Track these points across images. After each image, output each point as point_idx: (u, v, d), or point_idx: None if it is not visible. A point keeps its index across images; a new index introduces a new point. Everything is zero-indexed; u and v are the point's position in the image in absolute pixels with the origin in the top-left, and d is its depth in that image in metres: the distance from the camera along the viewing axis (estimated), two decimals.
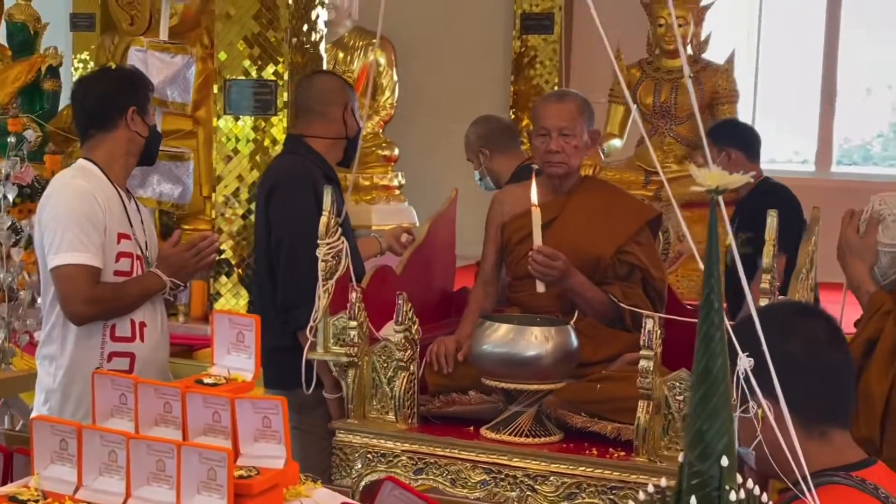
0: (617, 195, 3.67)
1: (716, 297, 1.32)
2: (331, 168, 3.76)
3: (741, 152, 4.84)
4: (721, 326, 1.31)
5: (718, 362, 1.32)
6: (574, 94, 3.60)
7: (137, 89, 3.39)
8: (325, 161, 3.75)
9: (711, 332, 1.31)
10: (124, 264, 3.29)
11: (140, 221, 3.39)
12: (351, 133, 3.79)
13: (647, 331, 2.91)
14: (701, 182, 1.32)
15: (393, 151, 7.78)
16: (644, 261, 3.48)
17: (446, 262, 4.12)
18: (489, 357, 3.11)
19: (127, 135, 3.34)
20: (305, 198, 3.57)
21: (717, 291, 1.32)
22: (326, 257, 3.31)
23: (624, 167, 7.10)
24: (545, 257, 3.28)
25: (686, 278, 6.45)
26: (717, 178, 1.31)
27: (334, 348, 3.31)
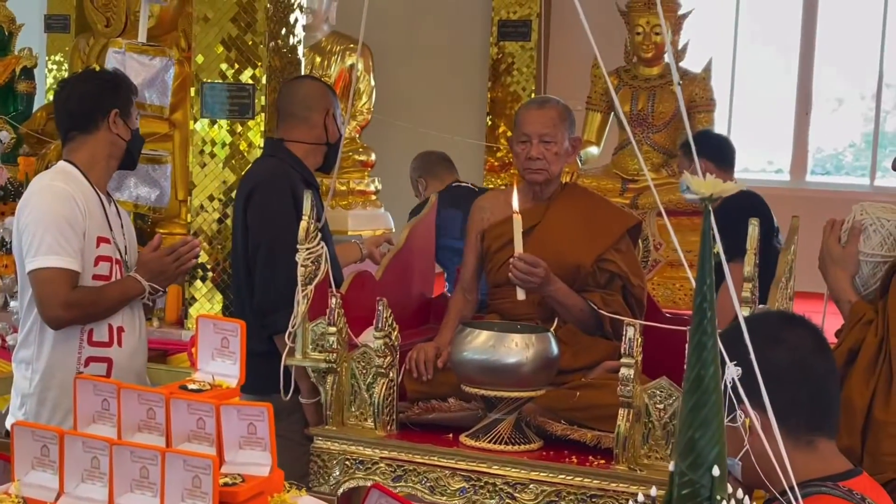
0: (597, 203, 3.68)
1: (708, 305, 1.32)
2: (310, 173, 3.75)
3: (711, 162, 4.84)
4: (713, 335, 1.31)
5: (710, 371, 1.32)
6: (555, 100, 3.61)
7: (120, 92, 3.37)
8: (305, 166, 3.74)
9: (704, 341, 1.31)
10: (103, 268, 3.26)
11: (120, 225, 3.37)
12: (332, 139, 3.78)
13: (627, 338, 2.91)
14: (694, 190, 1.32)
15: (370, 157, 7.77)
16: (624, 268, 3.49)
17: (425, 268, 4.12)
18: (469, 364, 3.10)
19: (108, 137, 3.32)
20: (283, 202, 3.56)
21: (709, 300, 1.32)
22: (306, 262, 3.29)
23: (601, 174, 7.12)
24: (526, 264, 3.28)
25: (662, 286, 6.48)
26: (709, 186, 1.31)
27: (313, 354, 3.30)
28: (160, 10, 6.05)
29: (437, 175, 5.70)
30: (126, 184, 5.09)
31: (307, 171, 3.73)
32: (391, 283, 3.73)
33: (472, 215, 3.74)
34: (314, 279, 3.31)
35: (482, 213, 3.71)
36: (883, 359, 2.63)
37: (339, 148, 3.65)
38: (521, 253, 3.29)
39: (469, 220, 3.75)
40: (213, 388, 1.89)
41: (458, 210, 5.28)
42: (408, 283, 3.94)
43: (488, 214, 3.68)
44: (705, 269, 1.33)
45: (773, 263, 3.10)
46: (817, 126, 9.12)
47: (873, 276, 2.85)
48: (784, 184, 9.03)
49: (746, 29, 9.24)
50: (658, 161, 7.01)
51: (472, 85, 9.13)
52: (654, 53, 7.01)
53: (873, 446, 2.58)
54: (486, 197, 3.84)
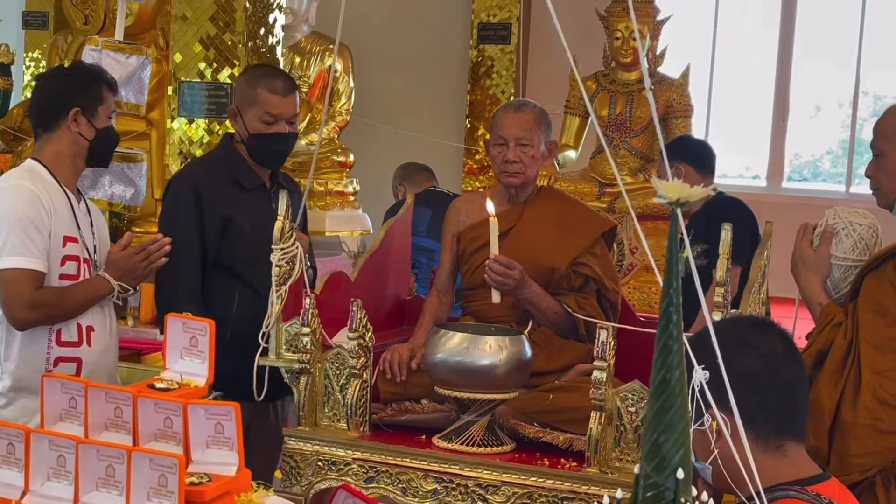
0: (573, 206, 3.69)
1: (675, 309, 1.32)
2: (246, 170, 3.62)
3: (691, 167, 4.86)
4: (679, 339, 1.31)
5: (676, 374, 1.32)
6: (532, 104, 3.61)
7: (85, 90, 3.32)
8: (241, 160, 3.64)
9: (670, 344, 1.31)
10: (70, 268, 3.24)
11: (89, 224, 3.34)
12: (244, 136, 3.61)
13: (600, 341, 2.91)
14: (662, 194, 1.32)
15: (348, 158, 7.76)
16: (599, 272, 3.50)
17: (401, 269, 4.11)
18: (443, 366, 3.10)
19: (70, 136, 3.30)
20: (183, 200, 3.52)
21: (675, 303, 1.32)
22: (280, 262, 3.28)
23: (578, 178, 7.13)
24: (501, 266, 3.29)
25: (638, 290, 6.49)
26: (677, 191, 1.31)
27: (286, 354, 3.29)
28: (138, 8, 6.02)
29: (415, 182, 5.95)
30: (101, 182, 5.07)
31: (244, 168, 3.63)
32: (366, 284, 3.73)
33: (449, 217, 3.74)
34: (288, 279, 3.30)
35: (458, 214, 3.71)
36: (851, 361, 2.65)
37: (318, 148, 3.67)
38: (497, 255, 3.29)
39: (445, 222, 3.75)
40: (182, 387, 1.88)
41: (427, 208, 5.36)
42: (383, 284, 3.93)
43: (464, 216, 3.68)
44: (672, 272, 1.33)
45: None
46: (795, 133, 9.18)
47: (844, 280, 2.87)
48: (761, 189, 9.07)
49: (725, 35, 9.28)
50: (635, 165, 7.02)
51: (452, 87, 9.13)
52: (633, 58, 7.02)
53: (840, 447, 2.60)
54: (463, 199, 3.85)
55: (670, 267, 1.35)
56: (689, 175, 4.83)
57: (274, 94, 3.56)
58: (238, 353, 3.26)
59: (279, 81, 3.60)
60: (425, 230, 5.42)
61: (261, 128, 3.57)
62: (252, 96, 3.56)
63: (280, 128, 3.58)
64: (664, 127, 7.05)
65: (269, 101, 3.55)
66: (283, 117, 3.58)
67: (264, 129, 3.57)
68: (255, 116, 3.57)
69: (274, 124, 3.57)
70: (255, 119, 3.57)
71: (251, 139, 3.58)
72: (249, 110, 3.57)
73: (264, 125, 3.56)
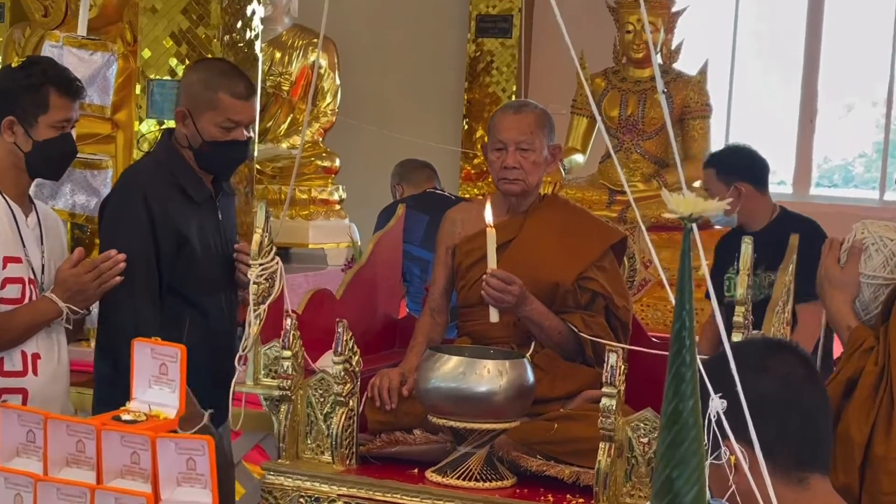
0: (579, 216, 3.71)
1: (687, 332, 1.33)
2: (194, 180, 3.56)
3: (751, 185, 4.65)
4: (693, 365, 1.31)
5: (689, 404, 1.33)
6: (533, 105, 3.63)
7: (23, 95, 3.24)
8: (187, 167, 3.56)
9: (682, 372, 1.32)
10: (12, 291, 3.20)
11: (39, 239, 3.30)
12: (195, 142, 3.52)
13: (609, 365, 2.92)
14: (673, 209, 1.33)
15: (334, 162, 7.78)
16: (607, 288, 3.52)
17: (391, 285, 4.12)
18: (437, 392, 3.11)
19: (5, 146, 3.24)
20: (132, 211, 3.44)
21: (688, 327, 1.33)
22: (259, 279, 3.29)
23: (586, 185, 7.14)
24: (500, 282, 3.30)
25: (652, 308, 6.50)
26: (690, 205, 1.32)
27: (265, 380, 3.30)
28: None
29: (414, 182, 5.92)
30: (62, 191, 5.07)
31: (189, 175, 3.55)
32: (353, 303, 3.74)
33: (443, 228, 3.75)
34: (268, 298, 3.31)
35: (453, 226, 3.72)
36: (884, 389, 2.64)
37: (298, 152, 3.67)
38: (495, 269, 3.31)
39: (439, 234, 3.77)
40: (150, 418, 1.88)
41: (424, 214, 5.34)
42: (371, 302, 3.94)
43: (460, 228, 3.70)
44: (685, 292, 1.34)
45: None
46: (823, 134, 9.16)
47: (875, 300, 2.86)
48: (786, 197, 9.06)
49: (746, 29, 9.29)
50: (649, 171, 7.03)
51: (448, 85, 9.15)
52: (645, 54, 7.03)
53: (872, 484, 2.60)
54: (458, 209, 3.86)
55: (682, 286, 1.36)
56: (750, 194, 4.61)
57: (237, 98, 3.49)
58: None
59: (241, 84, 3.54)
60: (420, 238, 5.41)
61: (218, 134, 3.49)
62: (210, 100, 3.48)
63: (238, 134, 3.52)
64: (680, 129, 7.07)
65: (231, 106, 3.48)
66: (244, 123, 3.53)
67: (222, 136, 3.50)
68: (211, 121, 3.49)
69: (233, 130, 3.51)
70: (211, 124, 3.49)
71: (205, 146, 3.51)
72: (205, 114, 3.48)
73: (222, 131, 3.49)
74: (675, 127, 7.06)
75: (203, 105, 3.50)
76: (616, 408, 2.91)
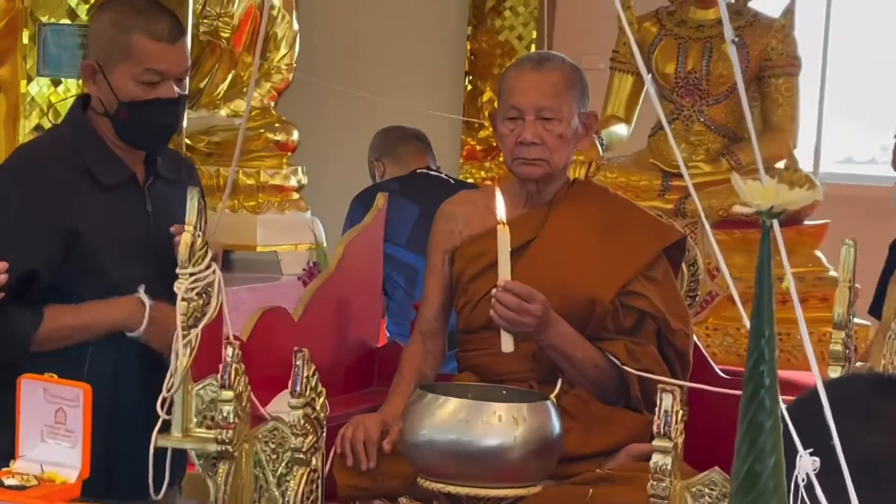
0: (622, 209, 3.71)
1: (767, 368, 1.33)
2: (105, 158, 3.59)
3: None
4: (774, 412, 1.32)
5: (769, 464, 1.33)
6: (560, 59, 3.63)
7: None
8: (101, 144, 3.60)
9: (760, 421, 1.32)
10: None
11: None
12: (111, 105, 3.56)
13: (663, 410, 2.92)
14: (748, 200, 1.34)
15: (290, 136, 7.80)
16: (660, 306, 3.52)
17: (368, 303, 4.12)
18: (430, 447, 3.10)
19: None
20: (16, 206, 3.48)
21: (768, 359, 1.33)
22: (189, 295, 3.29)
23: (631, 166, 7.14)
24: (515, 298, 3.30)
25: (721, 331, 6.51)
26: (772, 195, 1.33)
27: (198, 431, 3.29)
28: None
29: (400, 158, 5.80)
30: None
31: (102, 151, 3.58)
32: (316, 326, 3.75)
33: (438, 226, 3.75)
34: (201, 320, 3.31)
35: (452, 222, 3.72)
36: None
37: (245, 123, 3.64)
38: (509, 281, 3.31)
39: (433, 234, 3.77)
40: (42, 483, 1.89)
41: (413, 204, 5.31)
42: (341, 325, 3.95)
43: (461, 226, 3.70)
44: (763, 312, 1.34)
45: None
46: None
47: None
48: None
49: None
50: (716, 146, 7.03)
51: (445, 31, 9.16)
52: None
53: None
54: (459, 199, 3.85)
55: (760, 305, 1.37)
56: None
57: (158, 40, 3.50)
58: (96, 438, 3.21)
59: (163, 21, 3.54)
60: (407, 238, 5.37)
61: (137, 92, 3.51)
62: (123, 45, 3.50)
63: (165, 91, 3.54)
64: (758, 88, 7.07)
65: (151, 51, 3.49)
66: (172, 74, 3.54)
67: (143, 94, 3.52)
68: (127, 75, 3.50)
69: (157, 86, 3.52)
70: (127, 78, 3.51)
71: (122, 109, 3.53)
72: (119, 66, 3.50)
73: (143, 88, 3.51)
74: (752, 85, 7.06)
75: (115, 54, 3.51)
76: (672, 468, 2.91)
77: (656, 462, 2.92)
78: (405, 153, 5.81)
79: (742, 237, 6.39)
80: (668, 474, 2.91)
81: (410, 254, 5.23)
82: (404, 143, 5.87)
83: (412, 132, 6.01)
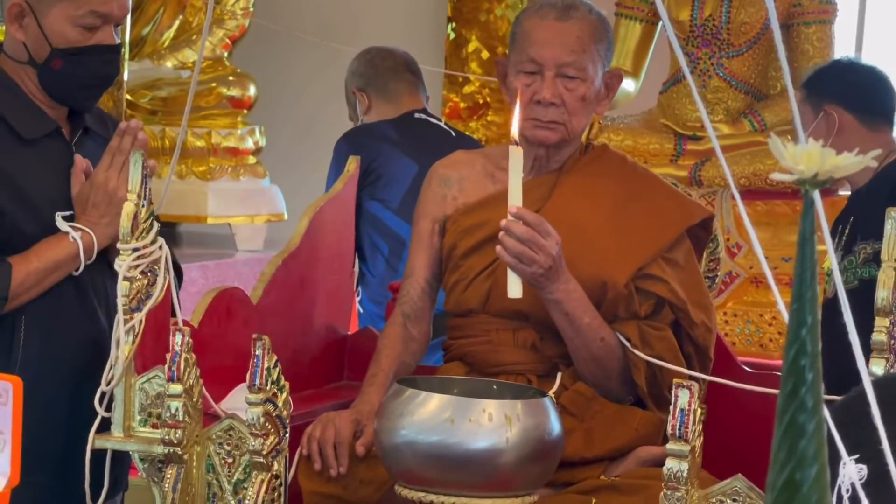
0: (642, 181, 3.71)
1: (809, 362, 1.32)
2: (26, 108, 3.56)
3: (854, 114, 4.85)
4: (818, 412, 1.31)
5: (812, 472, 1.32)
6: (587, 7, 3.60)
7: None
8: (17, 93, 3.58)
9: (801, 422, 1.31)
10: None
11: None
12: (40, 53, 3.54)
13: (678, 408, 2.92)
14: (787, 164, 1.33)
15: (246, 91, 7.78)
16: (680, 293, 3.52)
17: (338, 284, 4.12)
18: (410, 450, 3.11)
19: None
20: None
21: (811, 352, 1.32)
22: (132, 273, 3.29)
23: (640, 127, 7.15)
24: (528, 229, 3.26)
25: (742, 317, 6.52)
26: (815, 160, 1.31)
27: (142, 430, 3.29)
28: None
29: (390, 93, 5.66)
30: None
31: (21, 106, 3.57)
32: (278, 310, 3.74)
33: (428, 189, 3.74)
34: (146, 302, 3.30)
35: (444, 187, 3.71)
36: None
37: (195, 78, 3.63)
38: (521, 209, 3.28)
39: (421, 198, 3.76)
40: None
41: (411, 161, 5.26)
42: (306, 309, 3.95)
43: (455, 191, 3.69)
44: (805, 297, 1.33)
45: None
46: None
47: None
48: None
49: None
50: (737, 105, 7.04)
51: None
52: None
53: None
54: (453, 161, 3.81)
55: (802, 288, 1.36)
56: (848, 126, 4.79)
57: None
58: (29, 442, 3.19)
59: None
60: (399, 200, 5.32)
61: (75, 36, 3.50)
62: None
63: (105, 36, 3.53)
64: (786, 38, 7.07)
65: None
66: (115, 18, 3.54)
67: (81, 40, 3.51)
68: (65, 16, 3.48)
69: (97, 31, 3.52)
70: (64, 22, 3.48)
71: (55, 57, 3.50)
72: (54, 7, 3.47)
73: (81, 32, 3.50)
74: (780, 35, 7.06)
75: None
76: (689, 475, 2.91)
77: (670, 468, 2.93)
78: (396, 90, 5.66)
79: (766, 209, 6.41)
80: (683, 482, 2.92)
81: (400, 221, 5.15)
82: (395, 76, 5.68)
83: (402, 59, 5.81)
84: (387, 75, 5.66)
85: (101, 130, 3.69)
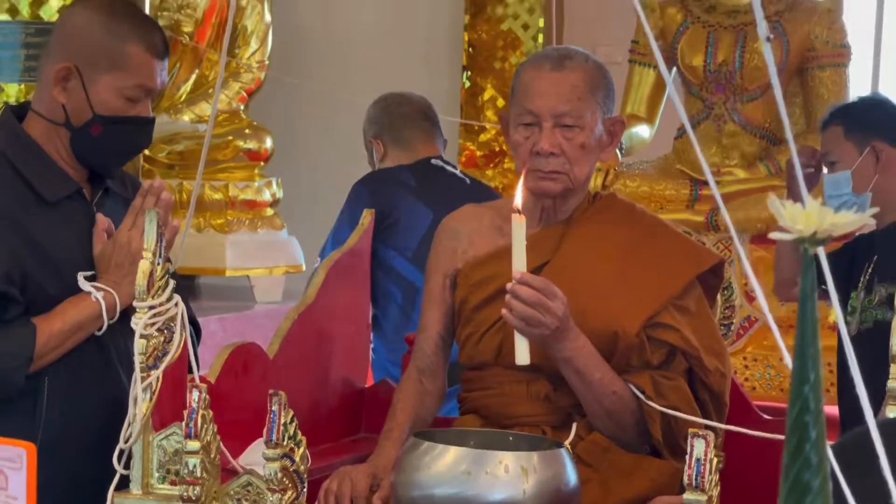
0: (650, 228, 3.71)
1: (812, 417, 1.33)
2: (49, 170, 3.59)
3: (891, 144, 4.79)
4: (822, 469, 1.32)
5: None
6: (583, 56, 3.62)
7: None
8: (39, 154, 3.60)
9: (805, 480, 1.32)
10: None
11: None
12: (80, 116, 3.58)
13: (694, 458, 2.92)
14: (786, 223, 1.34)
15: (263, 143, 7.80)
16: (693, 341, 3.51)
17: (355, 337, 4.12)
18: (427, 502, 3.11)
19: None
20: None
21: (813, 409, 1.33)
22: (148, 331, 3.30)
23: (656, 173, 7.13)
24: (533, 291, 3.27)
25: (761, 363, 6.50)
26: (815, 218, 1.32)
27: (160, 487, 3.29)
28: None
29: (406, 141, 5.68)
30: None
31: (40, 165, 3.58)
32: (294, 364, 3.75)
33: (439, 243, 3.75)
34: (163, 359, 3.31)
35: (455, 240, 3.71)
36: None
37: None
38: (525, 273, 3.29)
39: (432, 252, 3.76)
40: None
41: (427, 209, 5.25)
42: (323, 362, 3.95)
43: (465, 244, 3.69)
44: (807, 354, 1.34)
45: None
46: None
47: None
48: None
49: None
50: (753, 150, 7.03)
51: (439, 21, 9.17)
52: None
53: None
54: (462, 215, 3.83)
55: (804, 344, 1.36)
56: (893, 162, 4.76)
57: (153, 54, 3.56)
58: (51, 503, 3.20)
59: (157, 34, 3.62)
60: (414, 249, 5.30)
61: (119, 106, 3.56)
62: (115, 54, 3.53)
63: (143, 109, 3.60)
64: (800, 82, 7.07)
65: (145, 65, 3.55)
66: (154, 93, 3.63)
67: (125, 110, 3.57)
68: (112, 87, 3.54)
69: (138, 103, 3.58)
70: (111, 91, 3.54)
71: (96, 123, 3.55)
72: (104, 76, 3.53)
73: (125, 103, 3.56)
74: (793, 80, 7.05)
75: (104, 62, 3.54)
76: None
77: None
78: (411, 137, 5.68)
79: None
80: None
81: (414, 269, 5.13)
82: (411, 123, 5.70)
83: (419, 106, 5.81)
84: (401, 122, 5.68)
85: (120, 190, 3.72)
